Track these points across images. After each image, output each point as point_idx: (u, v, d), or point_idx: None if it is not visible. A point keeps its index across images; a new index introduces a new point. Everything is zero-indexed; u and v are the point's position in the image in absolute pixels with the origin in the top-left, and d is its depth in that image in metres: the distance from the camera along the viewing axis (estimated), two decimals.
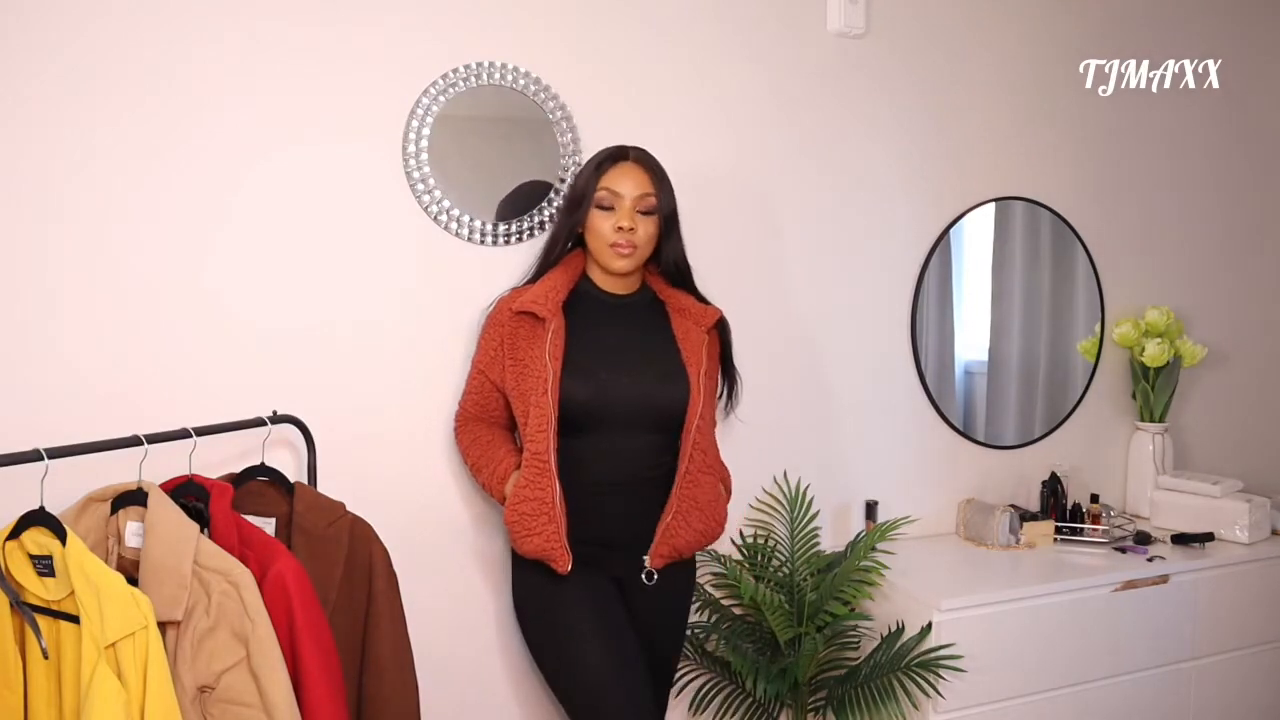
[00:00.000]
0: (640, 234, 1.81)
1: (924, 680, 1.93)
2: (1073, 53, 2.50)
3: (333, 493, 1.71)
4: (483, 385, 1.85)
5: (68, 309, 1.61)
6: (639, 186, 1.81)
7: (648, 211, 1.82)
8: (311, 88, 1.76)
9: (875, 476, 2.34)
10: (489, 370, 1.84)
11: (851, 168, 2.26)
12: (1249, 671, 2.31)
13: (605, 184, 1.80)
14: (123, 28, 1.63)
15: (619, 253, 1.80)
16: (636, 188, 1.80)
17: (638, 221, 1.80)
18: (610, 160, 1.83)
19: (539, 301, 1.79)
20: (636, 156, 1.84)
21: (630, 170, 1.82)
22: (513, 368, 1.81)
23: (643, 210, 1.81)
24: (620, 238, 1.79)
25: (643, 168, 1.83)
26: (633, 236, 1.80)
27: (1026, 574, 2.14)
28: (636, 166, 1.83)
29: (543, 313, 1.77)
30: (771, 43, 2.16)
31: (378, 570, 1.66)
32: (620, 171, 1.81)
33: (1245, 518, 2.34)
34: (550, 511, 1.73)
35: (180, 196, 1.68)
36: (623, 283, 1.88)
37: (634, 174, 1.81)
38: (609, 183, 1.80)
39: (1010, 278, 2.48)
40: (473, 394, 1.87)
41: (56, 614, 1.34)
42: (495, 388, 1.85)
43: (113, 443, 1.47)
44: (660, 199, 1.83)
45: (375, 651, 1.64)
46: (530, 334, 1.80)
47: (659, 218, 1.84)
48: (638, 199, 1.80)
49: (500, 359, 1.83)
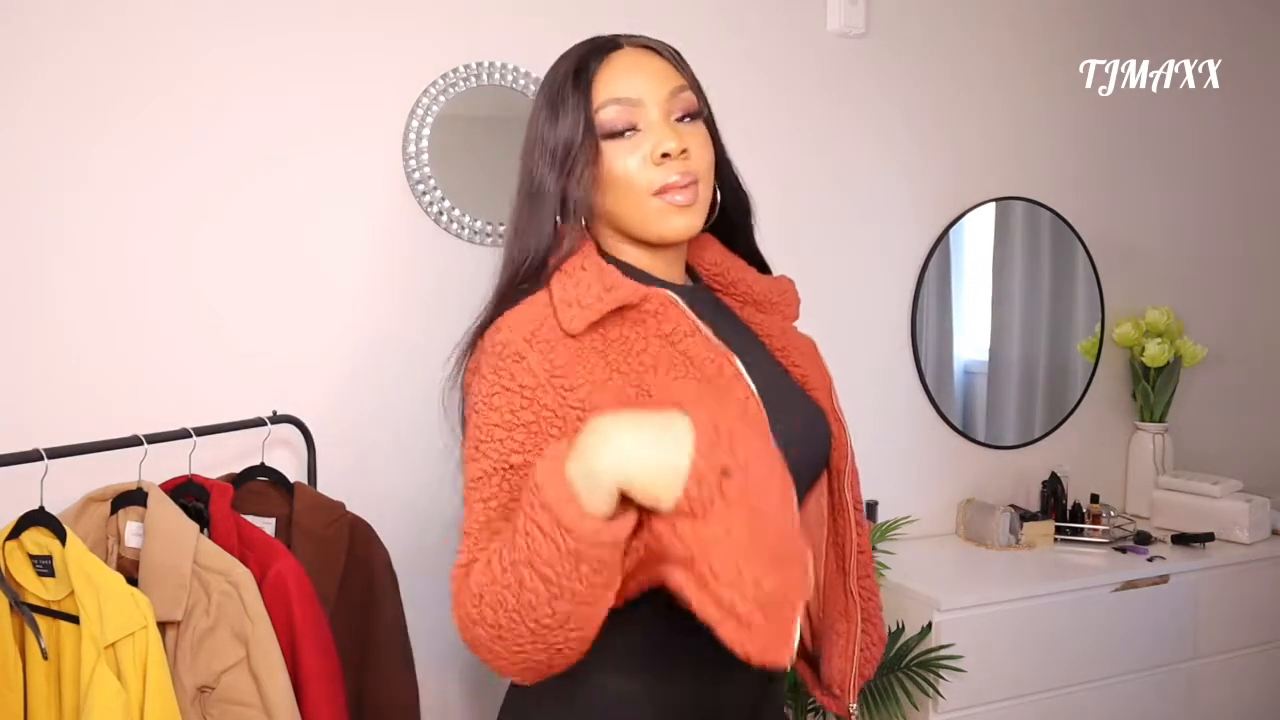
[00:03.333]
0: (697, 156, 1.10)
1: (924, 680, 1.93)
2: (1073, 53, 2.50)
3: (333, 493, 1.71)
4: (508, 469, 1.01)
5: (68, 309, 1.61)
6: (663, 78, 1.11)
7: (691, 114, 1.12)
8: (311, 89, 1.76)
9: (875, 476, 2.33)
10: (510, 437, 1.01)
11: (851, 167, 2.26)
12: (1249, 671, 2.31)
13: (605, 95, 1.10)
14: (122, 31, 1.63)
15: (675, 201, 1.08)
16: (661, 81, 1.11)
17: (684, 136, 1.10)
18: (598, 56, 1.13)
19: (632, 290, 1.05)
20: (637, 41, 1.16)
21: (637, 59, 1.13)
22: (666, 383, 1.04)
23: (683, 114, 1.11)
24: (670, 172, 1.08)
25: (653, 52, 1.15)
26: (688, 164, 1.09)
27: (1026, 574, 2.14)
28: (643, 52, 1.14)
29: (637, 296, 1.06)
30: (771, 43, 2.15)
31: (378, 570, 1.66)
32: (620, 67, 1.12)
33: (1245, 518, 2.34)
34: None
35: (180, 197, 1.68)
36: (673, 259, 1.17)
37: (646, 63, 1.13)
38: (610, 89, 1.10)
39: (1010, 278, 2.48)
40: (494, 498, 1.01)
41: (56, 614, 1.34)
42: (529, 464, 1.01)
43: (113, 443, 1.47)
44: (699, 94, 1.16)
45: (375, 652, 1.64)
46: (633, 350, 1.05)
47: (706, 123, 1.16)
48: (669, 98, 1.10)
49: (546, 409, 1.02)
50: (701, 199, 1.11)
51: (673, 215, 1.09)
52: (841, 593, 1.22)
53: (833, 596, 1.23)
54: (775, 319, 1.26)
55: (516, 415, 1.02)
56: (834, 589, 1.23)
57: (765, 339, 1.24)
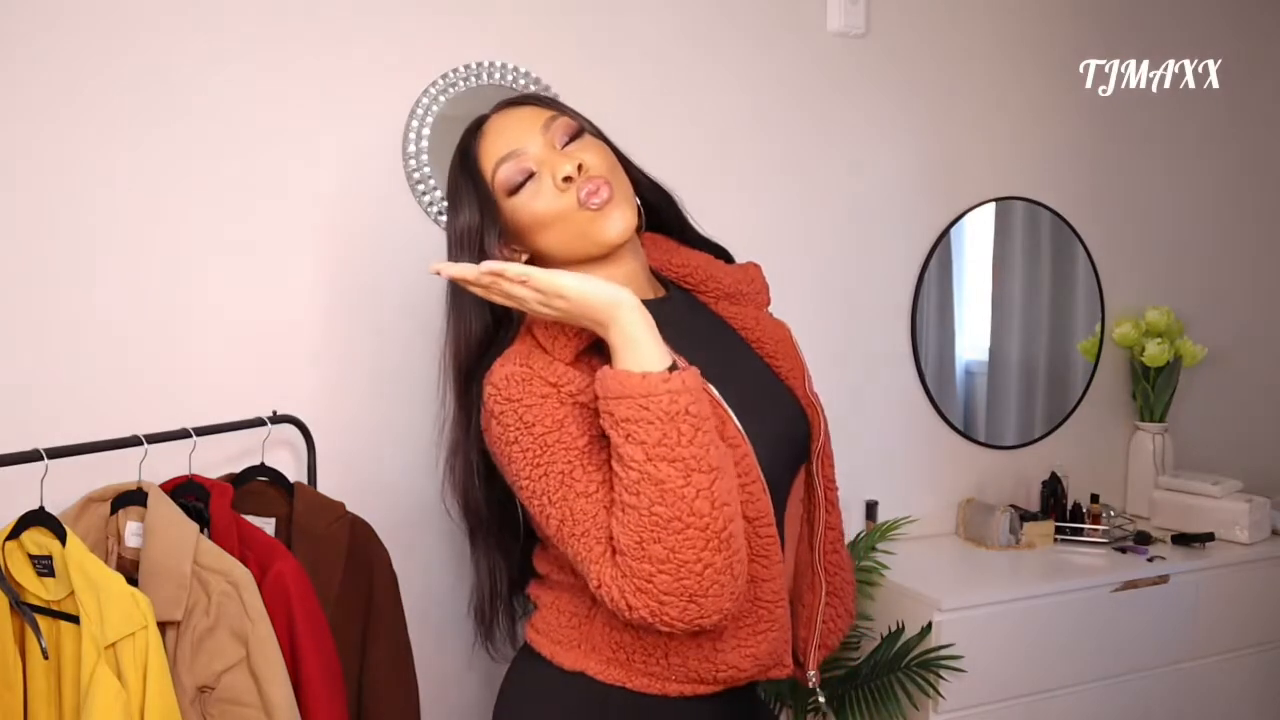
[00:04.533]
0: (594, 162, 1.18)
1: (924, 680, 1.93)
2: (1073, 53, 2.50)
3: (333, 493, 1.70)
4: (580, 454, 1.10)
5: (67, 308, 1.61)
6: (531, 120, 1.21)
7: (573, 135, 1.21)
8: (311, 89, 1.76)
9: (875, 476, 2.33)
10: (564, 432, 1.11)
11: (852, 167, 2.26)
12: (1249, 671, 2.31)
13: (491, 160, 1.20)
14: (120, 29, 1.62)
15: (596, 206, 1.16)
16: (530, 123, 1.20)
17: (574, 155, 1.18)
18: (473, 136, 1.24)
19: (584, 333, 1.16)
20: (498, 107, 1.26)
21: (504, 120, 1.23)
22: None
23: (566, 139, 1.20)
24: (577, 187, 1.16)
25: (516, 105, 1.25)
26: (589, 173, 1.17)
27: (1026, 574, 2.14)
28: (507, 111, 1.24)
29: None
30: (771, 43, 2.15)
31: (378, 570, 1.66)
32: (492, 132, 1.22)
33: (1245, 518, 2.34)
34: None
35: (179, 196, 1.68)
36: (632, 272, 1.24)
37: (513, 117, 1.23)
38: (493, 154, 1.20)
39: (1010, 278, 2.48)
40: (583, 482, 1.09)
41: (56, 614, 1.34)
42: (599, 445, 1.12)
43: (113, 443, 1.47)
44: (573, 115, 1.24)
45: (375, 651, 1.64)
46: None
47: (593, 135, 1.24)
48: (544, 131, 1.20)
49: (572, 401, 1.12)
50: (620, 193, 1.18)
51: (604, 218, 1.17)
52: (809, 568, 1.31)
53: (800, 571, 1.30)
54: (749, 309, 1.33)
55: (555, 415, 1.11)
56: (802, 564, 1.31)
57: (742, 331, 1.31)
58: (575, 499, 1.08)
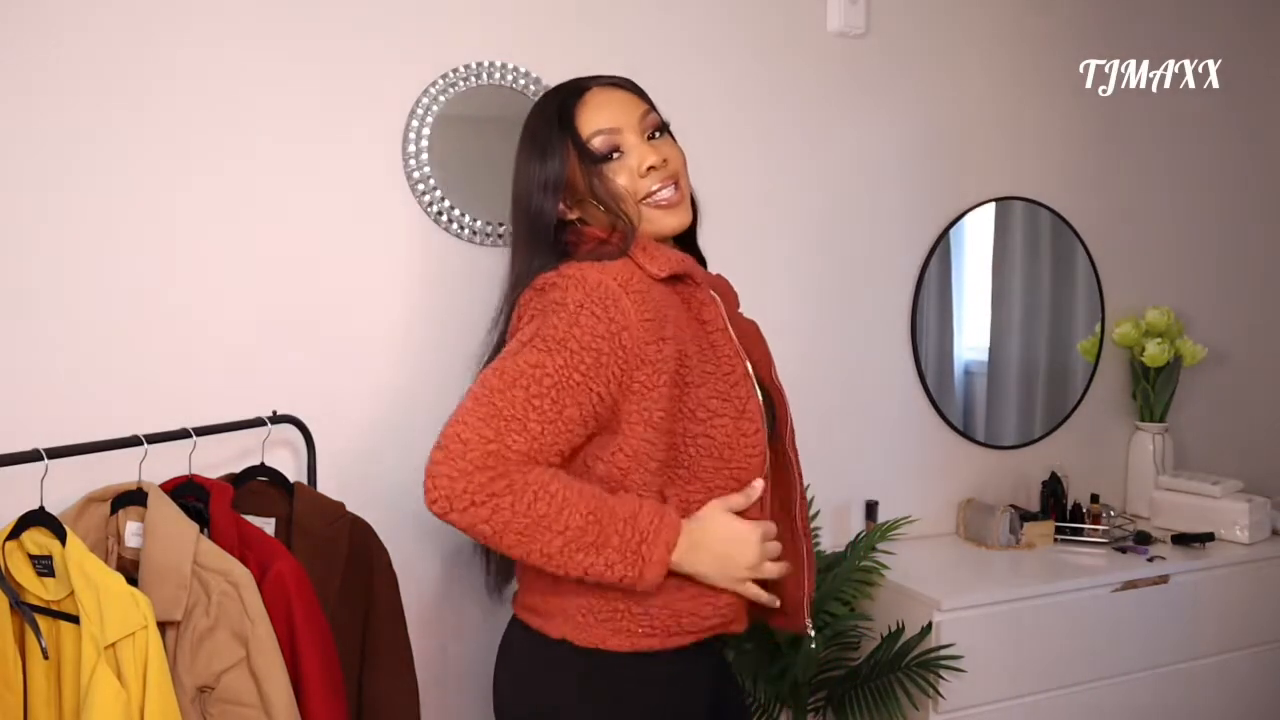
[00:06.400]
0: (673, 160, 1.34)
1: (924, 680, 1.93)
2: (1073, 53, 2.50)
3: (333, 493, 1.71)
4: (584, 404, 1.19)
5: (67, 308, 1.61)
6: (631, 107, 1.35)
7: (659, 130, 1.36)
8: (311, 88, 1.76)
9: (875, 476, 2.33)
10: (594, 380, 1.19)
11: (851, 167, 2.26)
12: (1249, 671, 2.31)
13: (590, 129, 1.32)
14: (119, 29, 1.62)
15: (664, 201, 1.32)
16: (630, 109, 1.34)
17: (659, 149, 1.34)
18: (574, 98, 1.35)
19: (694, 265, 1.32)
20: (599, 81, 1.38)
21: (607, 95, 1.36)
22: (697, 364, 1.26)
23: (653, 131, 1.35)
24: (656, 178, 1.31)
25: (617, 88, 1.38)
26: (668, 168, 1.33)
27: (1026, 574, 2.14)
28: (610, 89, 1.37)
29: (699, 276, 1.33)
30: (771, 42, 2.15)
31: (378, 570, 1.66)
32: (594, 104, 1.34)
33: (1245, 518, 2.34)
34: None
35: (179, 196, 1.68)
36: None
37: (614, 97, 1.36)
38: (592, 124, 1.32)
39: (1010, 278, 2.48)
40: (556, 422, 1.18)
41: (56, 614, 1.34)
42: (604, 404, 1.21)
43: (113, 443, 1.47)
44: (659, 114, 1.39)
45: (375, 652, 1.64)
46: (688, 315, 1.30)
47: (672, 136, 1.38)
48: (640, 121, 1.34)
49: (632, 358, 1.21)
50: (685, 192, 1.35)
51: (664, 215, 1.33)
52: (789, 534, 1.42)
53: (783, 538, 1.40)
54: (731, 307, 1.43)
55: (595, 340, 1.19)
56: (783, 532, 1.41)
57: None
58: (521, 390, 1.17)
